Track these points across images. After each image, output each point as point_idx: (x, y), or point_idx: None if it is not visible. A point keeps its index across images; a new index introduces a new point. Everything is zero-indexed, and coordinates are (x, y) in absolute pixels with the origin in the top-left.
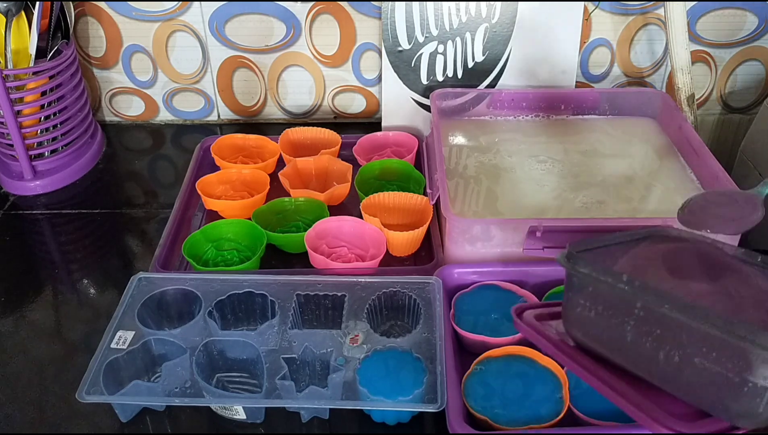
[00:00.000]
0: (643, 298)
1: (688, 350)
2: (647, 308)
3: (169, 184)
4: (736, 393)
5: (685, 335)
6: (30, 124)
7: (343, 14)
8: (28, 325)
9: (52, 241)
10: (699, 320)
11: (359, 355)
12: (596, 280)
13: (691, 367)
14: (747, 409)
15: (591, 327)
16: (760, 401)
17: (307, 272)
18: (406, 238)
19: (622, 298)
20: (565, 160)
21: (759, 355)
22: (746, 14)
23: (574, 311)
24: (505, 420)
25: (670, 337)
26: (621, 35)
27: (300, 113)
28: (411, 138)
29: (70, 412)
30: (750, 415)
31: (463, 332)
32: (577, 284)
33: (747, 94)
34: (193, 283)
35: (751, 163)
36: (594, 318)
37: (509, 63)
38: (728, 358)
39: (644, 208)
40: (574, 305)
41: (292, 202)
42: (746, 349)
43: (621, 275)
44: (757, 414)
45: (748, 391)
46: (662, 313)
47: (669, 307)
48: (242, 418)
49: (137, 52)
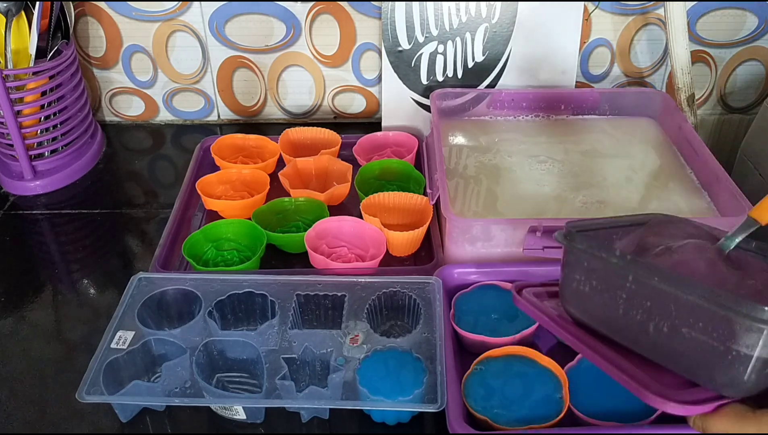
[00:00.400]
0: (634, 272)
1: (677, 321)
2: (638, 281)
3: (169, 184)
4: (721, 361)
5: (674, 306)
6: (30, 124)
7: (343, 14)
8: (28, 325)
9: (52, 241)
10: (686, 291)
11: (359, 355)
12: (591, 256)
13: (679, 337)
14: (732, 378)
15: (586, 302)
16: (744, 370)
17: (307, 272)
18: (406, 238)
19: (615, 272)
20: (565, 160)
21: (742, 323)
22: (746, 14)
23: (570, 287)
24: (505, 420)
25: (659, 309)
26: (621, 35)
27: (300, 113)
28: (411, 138)
29: (70, 412)
30: (735, 383)
31: (463, 332)
32: (573, 261)
33: (747, 94)
34: (193, 283)
35: (751, 163)
36: (589, 293)
37: (509, 63)
38: (714, 327)
39: (644, 208)
40: (570, 281)
41: (292, 202)
42: (730, 318)
43: (614, 250)
44: (741, 382)
45: (732, 359)
46: (652, 285)
47: (658, 280)
48: (242, 418)
49: (137, 52)
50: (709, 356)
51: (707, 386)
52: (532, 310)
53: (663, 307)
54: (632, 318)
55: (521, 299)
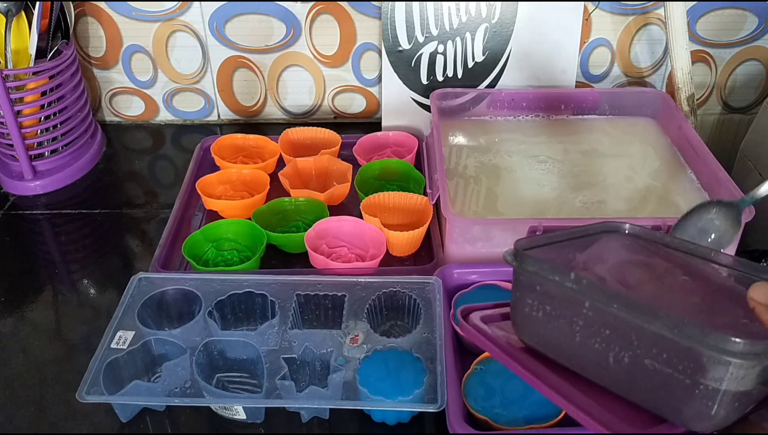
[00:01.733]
0: (591, 298)
1: (638, 351)
2: (595, 308)
3: (169, 184)
4: (688, 396)
5: (635, 336)
6: (30, 124)
7: (343, 14)
8: (28, 325)
9: (52, 241)
10: (648, 321)
11: (359, 355)
12: (544, 279)
13: (642, 369)
14: (699, 412)
15: (540, 328)
16: (712, 404)
17: (307, 272)
18: (406, 238)
19: (570, 297)
20: (565, 160)
21: (710, 356)
22: (746, 14)
23: (522, 312)
24: (505, 420)
25: (619, 338)
26: (621, 35)
27: (300, 113)
28: (411, 138)
29: (70, 412)
30: (703, 417)
31: (463, 332)
32: (524, 283)
33: (747, 94)
34: (193, 283)
35: (751, 163)
36: (542, 319)
37: (509, 63)
38: (679, 359)
39: (644, 208)
40: (522, 305)
41: (292, 202)
42: (697, 351)
43: (569, 274)
44: (710, 417)
45: (699, 393)
46: (611, 313)
47: (617, 307)
48: (242, 418)
49: (137, 52)
50: (675, 390)
51: (674, 421)
52: (479, 339)
53: (623, 336)
54: (590, 347)
55: (467, 326)
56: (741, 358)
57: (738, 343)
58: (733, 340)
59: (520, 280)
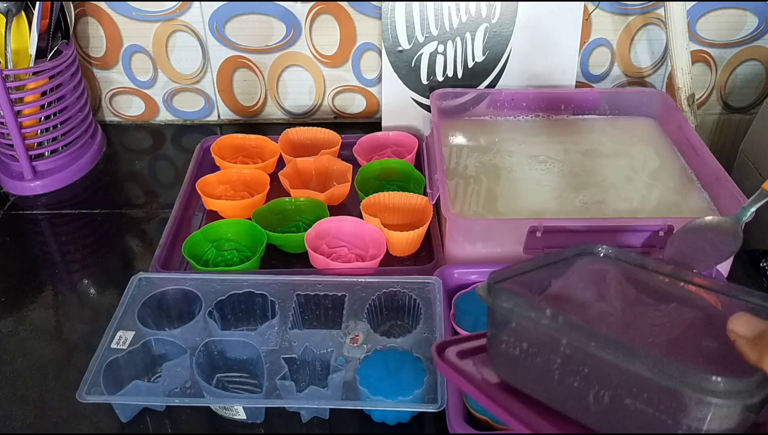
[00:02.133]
0: (569, 335)
1: (618, 391)
2: (573, 346)
3: (169, 184)
4: None
5: (614, 375)
6: (30, 124)
7: (343, 14)
8: (28, 325)
9: (52, 241)
10: (627, 361)
11: (359, 355)
12: (519, 316)
13: (623, 409)
14: None
15: (517, 366)
16: None
17: (307, 272)
18: (406, 238)
19: (547, 335)
20: (565, 160)
21: (692, 396)
22: (746, 14)
23: (498, 348)
24: None
25: (598, 377)
26: (621, 35)
27: (300, 113)
28: (411, 138)
29: (70, 412)
30: None
31: (463, 332)
32: (500, 319)
33: (747, 94)
34: (193, 283)
35: (751, 163)
36: (519, 356)
37: (509, 63)
38: (660, 399)
39: (644, 208)
40: (498, 342)
41: (292, 202)
42: (678, 391)
43: (545, 311)
44: None
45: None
46: (589, 351)
47: (595, 345)
48: (242, 418)
49: (137, 52)
50: (657, 430)
51: None
52: (454, 377)
53: (602, 374)
54: (569, 385)
55: (442, 363)
56: (723, 397)
57: (718, 382)
58: (714, 379)
59: (495, 317)
